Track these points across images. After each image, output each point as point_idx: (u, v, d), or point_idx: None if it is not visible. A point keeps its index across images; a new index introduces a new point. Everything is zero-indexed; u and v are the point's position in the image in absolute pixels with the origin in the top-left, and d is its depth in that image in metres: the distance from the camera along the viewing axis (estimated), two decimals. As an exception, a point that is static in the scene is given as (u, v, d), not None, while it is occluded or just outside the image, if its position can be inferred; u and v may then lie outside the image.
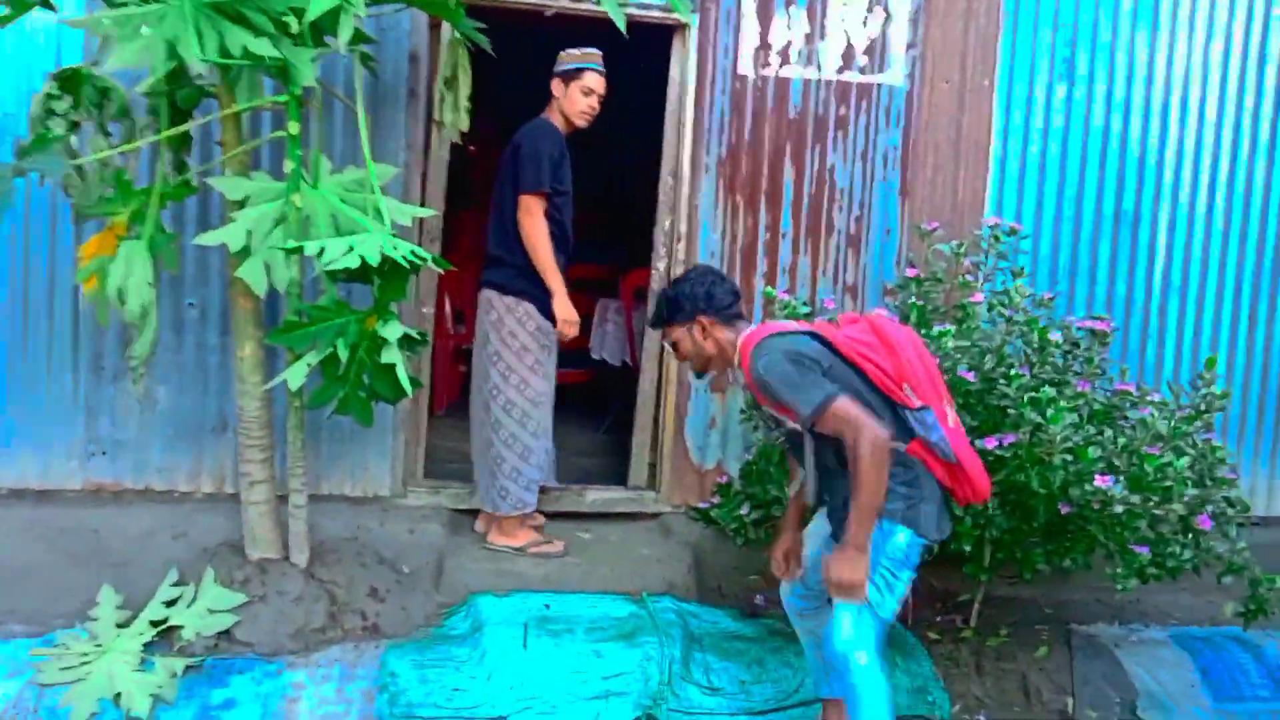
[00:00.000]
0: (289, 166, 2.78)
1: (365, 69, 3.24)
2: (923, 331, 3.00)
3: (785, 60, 3.82)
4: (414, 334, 2.91)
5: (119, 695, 2.77)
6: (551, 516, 3.87)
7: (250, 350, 3.12)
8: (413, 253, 2.72)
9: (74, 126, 2.74)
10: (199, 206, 3.49)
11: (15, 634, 3.12)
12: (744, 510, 3.49)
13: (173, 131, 2.78)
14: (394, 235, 2.82)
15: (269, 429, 3.22)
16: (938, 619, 3.54)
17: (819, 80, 3.84)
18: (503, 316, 3.45)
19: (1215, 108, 4.03)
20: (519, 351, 3.44)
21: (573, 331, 3.44)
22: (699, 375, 2.69)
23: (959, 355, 2.91)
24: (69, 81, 2.67)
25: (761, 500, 3.54)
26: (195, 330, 3.58)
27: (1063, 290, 3.91)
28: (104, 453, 3.58)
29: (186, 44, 2.35)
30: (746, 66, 3.80)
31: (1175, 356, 4.08)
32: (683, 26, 3.76)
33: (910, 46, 3.86)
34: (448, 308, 6.31)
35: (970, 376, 2.85)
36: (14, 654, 2.95)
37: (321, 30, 2.65)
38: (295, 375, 2.81)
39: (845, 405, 2.27)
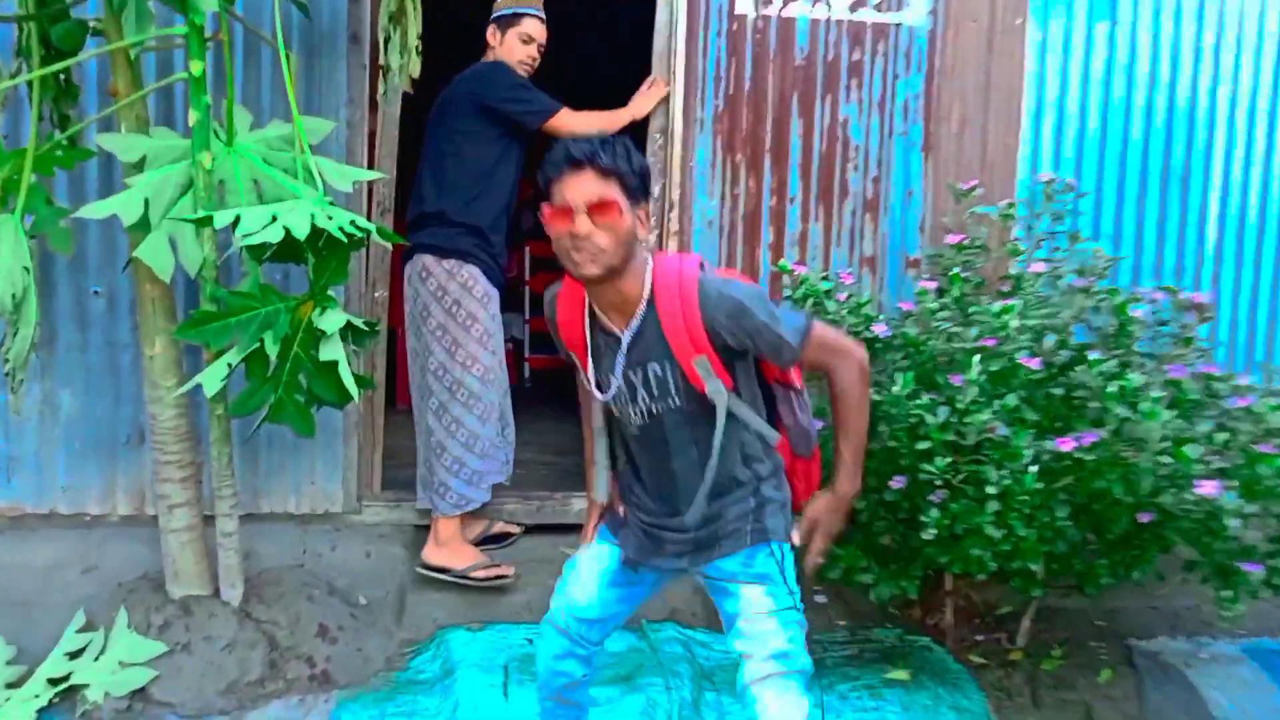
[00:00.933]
0: (194, 118, 2.23)
1: (295, 6, 2.69)
2: (973, 310, 2.51)
3: (790, -3, 3.30)
4: (360, 324, 2.38)
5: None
6: (530, 530, 3.36)
7: (161, 347, 2.58)
8: (353, 224, 2.19)
9: (-85, 71, 2.17)
10: (102, 173, 2.92)
11: (-116, 698, 2.57)
12: (755, 519, 2.99)
13: (43, 72, 2.21)
14: (330, 203, 2.29)
15: (190, 441, 2.68)
16: (979, 638, 3.08)
17: (829, 20, 3.32)
18: (444, 284, 2.94)
19: (1274, 47, 3.55)
20: (465, 322, 2.94)
21: (662, 89, 3.25)
22: (587, 276, 1.70)
23: (1020, 337, 2.42)
24: (-95, 12, 2.11)
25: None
26: (103, 324, 3.01)
27: (1106, 257, 3.44)
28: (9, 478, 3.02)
29: (43, -49, 1.80)
30: (745, 4, 3.28)
31: (1230, 330, 3.62)
32: (671, -42, 3.23)
33: (933, -20, 3.35)
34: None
35: (1035, 364, 2.36)
36: (-125, 728, 2.41)
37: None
38: (211, 379, 2.28)
39: (824, 326, 1.82)
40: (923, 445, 2.32)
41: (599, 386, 1.86)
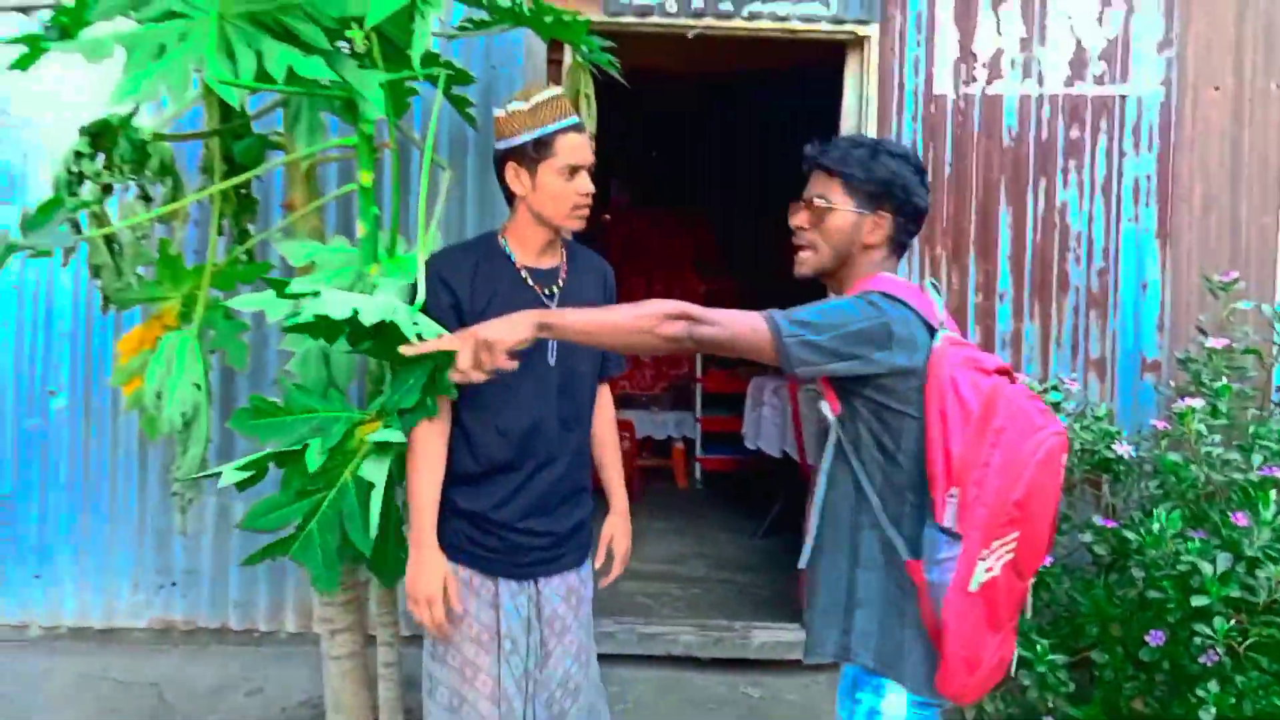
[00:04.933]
0: (361, 229, 2.13)
1: (463, 119, 2.61)
2: (1254, 430, 2.05)
3: (996, 73, 2.98)
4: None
5: None
6: (706, 664, 3.03)
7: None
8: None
9: (107, 190, 2.19)
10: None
11: (53, 819, 2.52)
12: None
13: (223, 186, 2.19)
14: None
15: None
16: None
17: (1041, 96, 2.98)
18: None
19: None
20: (444, 648, 1.92)
21: (427, 616, 1.84)
22: (798, 273, 1.68)
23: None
24: (100, 136, 2.13)
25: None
26: (278, 435, 2.98)
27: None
28: (174, 584, 3.00)
29: (213, 64, 1.75)
30: (945, 84, 2.99)
31: None
32: (859, 40, 2.99)
33: (1164, 45, 2.96)
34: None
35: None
36: None
37: (399, 49, 2.01)
38: (234, 471, 1.87)
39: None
40: (1199, 601, 1.87)
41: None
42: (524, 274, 1.93)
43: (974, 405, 1.45)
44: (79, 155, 2.16)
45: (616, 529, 2.10)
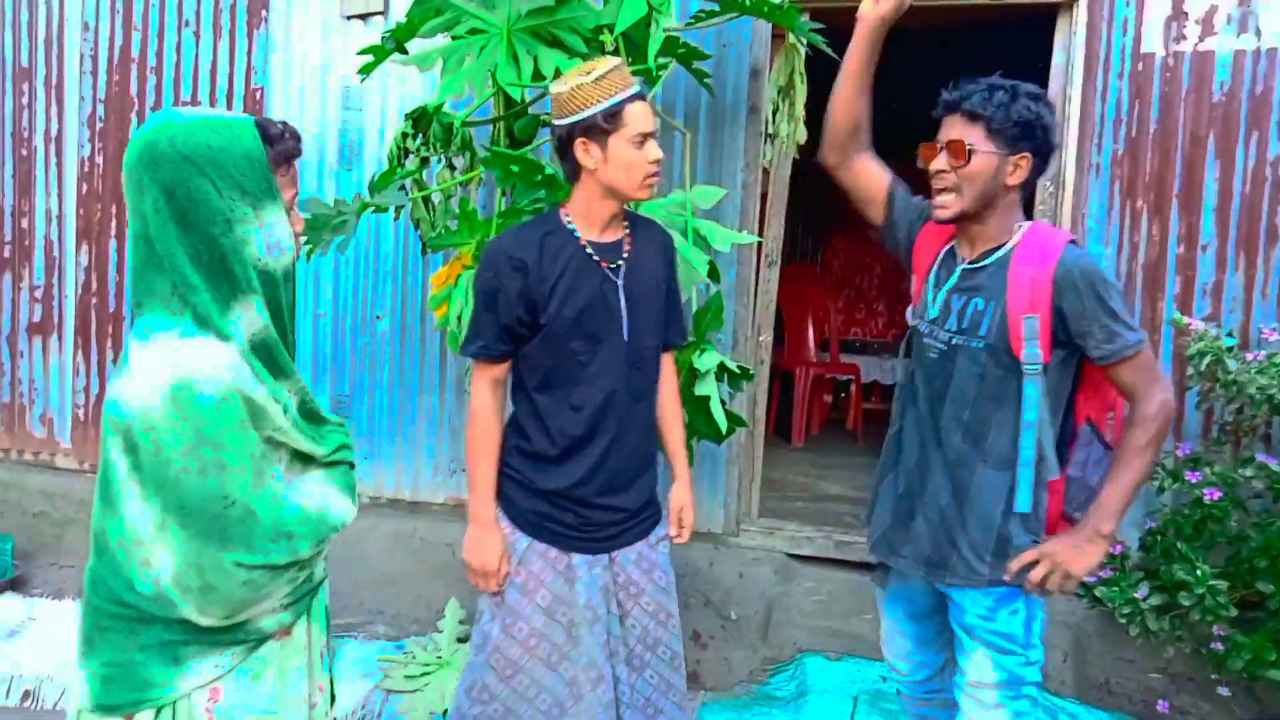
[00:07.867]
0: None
1: (702, 87, 3.10)
2: None
3: (1209, 30, 3.05)
4: (733, 367, 2.68)
5: (447, 711, 2.84)
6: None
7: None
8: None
9: (424, 162, 2.89)
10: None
11: (379, 634, 3.38)
12: (1141, 593, 2.79)
13: (506, 156, 2.82)
14: (710, 261, 2.62)
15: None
16: None
17: (1256, 50, 3.02)
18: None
19: None
20: (511, 617, 1.98)
21: (484, 584, 1.98)
22: (940, 218, 1.78)
23: None
24: (419, 120, 2.83)
25: (1166, 582, 2.81)
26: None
27: None
28: (463, 470, 3.79)
29: (503, 69, 2.35)
30: (1154, 42, 3.10)
31: None
32: (1069, 4, 3.16)
33: (1400, -8, 2.90)
34: (810, 336, 6.05)
35: None
36: (370, 656, 3.18)
37: (639, 47, 2.53)
38: None
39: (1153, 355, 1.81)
40: (1328, 525, 2.05)
41: (921, 305, 1.90)
42: (589, 249, 1.91)
43: None
44: (404, 135, 2.88)
45: (683, 499, 2.15)
